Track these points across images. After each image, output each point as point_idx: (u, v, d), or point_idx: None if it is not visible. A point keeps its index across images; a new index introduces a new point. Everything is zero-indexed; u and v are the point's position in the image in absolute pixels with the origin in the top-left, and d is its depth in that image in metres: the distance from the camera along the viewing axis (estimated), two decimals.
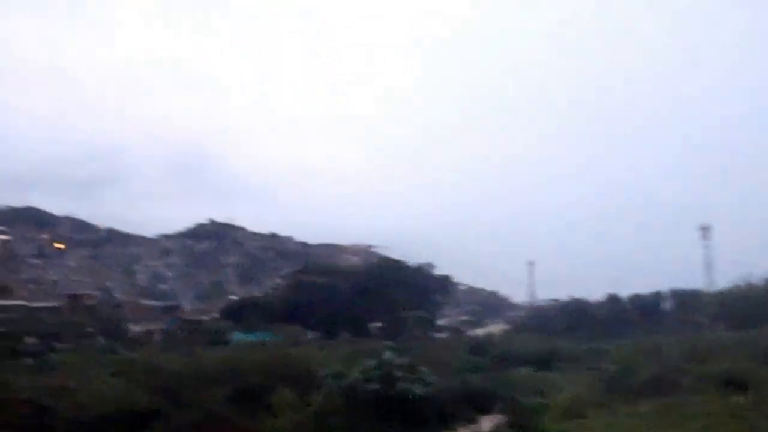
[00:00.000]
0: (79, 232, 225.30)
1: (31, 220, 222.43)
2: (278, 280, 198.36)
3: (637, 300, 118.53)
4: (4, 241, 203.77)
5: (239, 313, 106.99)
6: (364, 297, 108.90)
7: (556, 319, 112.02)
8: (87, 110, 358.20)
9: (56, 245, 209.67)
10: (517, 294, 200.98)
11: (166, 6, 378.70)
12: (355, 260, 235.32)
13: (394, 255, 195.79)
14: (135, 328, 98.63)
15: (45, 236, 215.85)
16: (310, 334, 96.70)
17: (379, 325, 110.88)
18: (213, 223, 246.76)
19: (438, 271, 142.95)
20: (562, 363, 59.42)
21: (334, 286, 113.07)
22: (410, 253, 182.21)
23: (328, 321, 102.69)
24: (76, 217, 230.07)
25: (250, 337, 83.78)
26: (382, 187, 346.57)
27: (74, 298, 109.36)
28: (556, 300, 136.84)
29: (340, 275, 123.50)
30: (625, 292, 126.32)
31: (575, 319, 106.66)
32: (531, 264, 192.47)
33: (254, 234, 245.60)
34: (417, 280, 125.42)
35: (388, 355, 39.80)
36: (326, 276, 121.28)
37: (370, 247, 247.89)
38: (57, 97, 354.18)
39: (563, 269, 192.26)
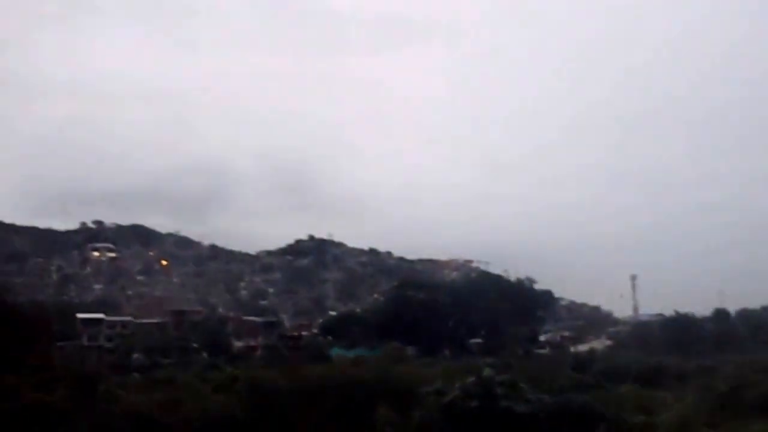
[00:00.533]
0: (183, 249, 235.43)
1: (138, 237, 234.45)
2: (377, 296, 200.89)
3: (746, 315, 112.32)
4: (113, 259, 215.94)
5: (339, 329, 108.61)
6: (464, 312, 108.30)
7: (661, 335, 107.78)
8: (193, 131, 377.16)
9: (162, 262, 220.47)
10: (620, 309, 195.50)
11: (269, 28, 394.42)
12: (454, 275, 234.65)
13: (494, 270, 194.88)
14: (237, 344, 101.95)
15: (151, 253, 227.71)
16: (410, 350, 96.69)
17: (478, 340, 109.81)
18: (313, 239, 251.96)
19: (539, 286, 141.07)
20: (669, 380, 57.31)
21: (434, 302, 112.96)
22: (510, 268, 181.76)
23: (428, 336, 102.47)
24: (181, 234, 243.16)
25: (350, 353, 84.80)
26: (481, 203, 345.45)
27: (179, 314, 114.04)
28: (660, 315, 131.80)
29: (439, 290, 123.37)
30: (732, 306, 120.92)
31: (681, 334, 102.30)
32: (634, 278, 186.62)
33: (353, 250, 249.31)
34: (517, 295, 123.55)
35: (488, 371, 39.35)
36: (425, 291, 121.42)
37: (469, 261, 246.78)
38: (163, 119, 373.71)
39: (667, 283, 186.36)
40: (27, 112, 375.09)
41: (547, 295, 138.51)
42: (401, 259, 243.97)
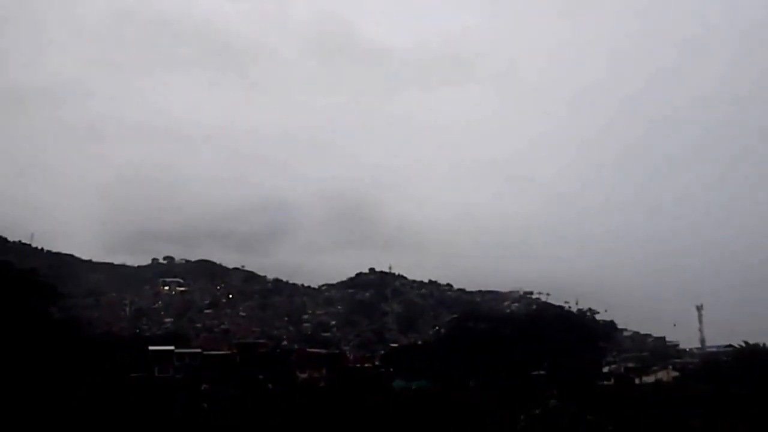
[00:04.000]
0: (248, 283, 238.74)
1: (205, 272, 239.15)
2: (438, 328, 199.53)
3: None
4: (182, 293, 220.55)
5: (400, 360, 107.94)
6: (526, 344, 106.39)
7: (732, 366, 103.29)
8: (257, 169, 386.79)
9: (228, 296, 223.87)
10: (686, 340, 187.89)
11: (328, 68, 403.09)
12: (514, 307, 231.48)
13: (555, 301, 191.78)
14: (302, 375, 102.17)
15: (218, 287, 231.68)
16: (472, 382, 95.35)
17: (541, 372, 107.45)
18: (374, 272, 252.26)
19: (601, 317, 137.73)
20: (742, 411, 54.61)
21: (495, 333, 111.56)
22: (572, 300, 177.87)
23: (490, 368, 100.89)
24: (246, 269, 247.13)
25: (412, 385, 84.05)
26: (540, 234, 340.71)
27: (245, 346, 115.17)
28: (729, 346, 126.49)
29: (500, 322, 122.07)
30: None
31: (753, 366, 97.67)
32: (700, 308, 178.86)
33: (414, 282, 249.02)
34: (579, 326, 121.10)
35: (552, 402, 38.31)
36: (486, 323, 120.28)
37: (529, 293, 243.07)
38: (229, 158, 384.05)
39: (733, 313, 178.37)
40: (103, 155, 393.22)
41: (610, 325, 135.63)
42: (461, 290, 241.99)
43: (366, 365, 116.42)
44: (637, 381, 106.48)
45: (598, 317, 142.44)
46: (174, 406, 52.47)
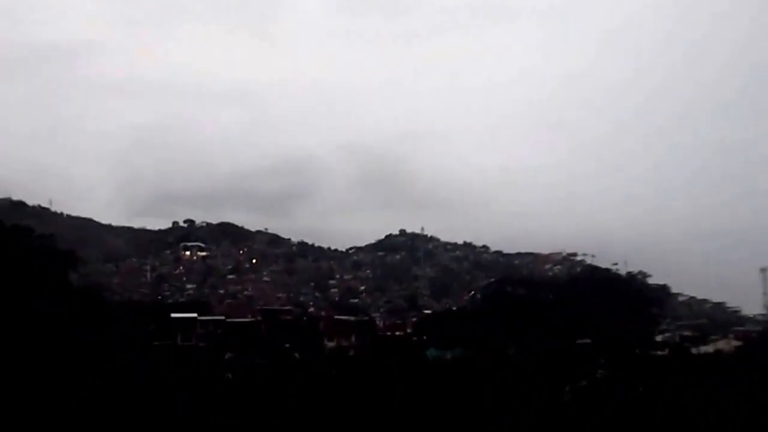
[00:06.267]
0: (272, 246, 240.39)
1: (227, 235, 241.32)
2: (474, 293, 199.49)
3: None
4: (204, 257, 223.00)
5: (434, 328, 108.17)
6: (569, 310, 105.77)
7: None
8: (278, 128, 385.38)
9: (252, 260, 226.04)
10: (749, 305, 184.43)
11: (350, 18, 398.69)
12: (557, 270, 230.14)
13: (602, 263, 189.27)
14: (330, 344, 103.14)
15: (241, 252, 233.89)
16: (510, 351, 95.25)
17: (587, 341, 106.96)
18: (404, 234, 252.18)
19: (653, 281, 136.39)
20: None
21: (535, 299, 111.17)
22: (620, 261, 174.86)
23: (530, 336, 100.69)
24: (270, 231, 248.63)
25: (446, 354, 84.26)
26: (584, 189, 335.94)
27: (270, 313, 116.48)
28: None
29: (540, 286, 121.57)
30: None
31: None
32: (765, 270, 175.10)
33: (447, 244, 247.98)
34: (629, 291, 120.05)
35: (600, 374, 38.17)
36: (526, 287, 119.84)
37: (573, 255, 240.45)
38: (250, 116, 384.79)
39: None
40: (121, 114, 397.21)
41: (663, 290, 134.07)
42: (498, 253, 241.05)
43: (397, 333, 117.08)
44: (694, 351, 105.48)
45: (649, 281, 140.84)
46: (198, 375, 53.18)
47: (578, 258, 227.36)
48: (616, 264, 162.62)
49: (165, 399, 38.11)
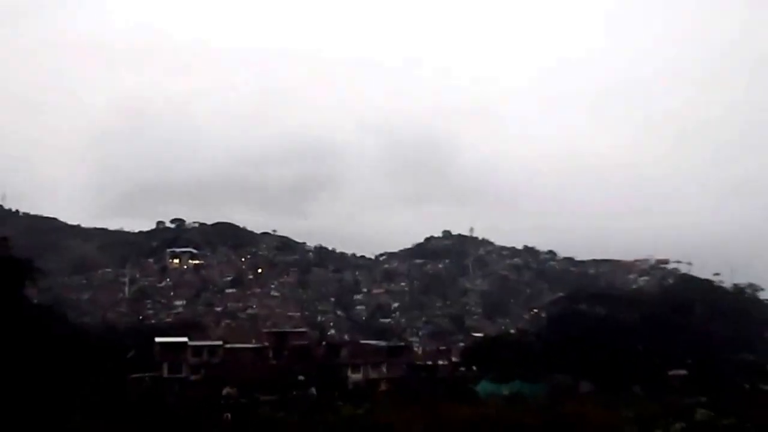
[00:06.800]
0: (282, 253, 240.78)
1: (225, 239, 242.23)
2: (537, 311, 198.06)
3: None
4: (197, 266, 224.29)
5: (487, 356, 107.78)
6: (660, 333, 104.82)
7: None
8: (290, 102, 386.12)
9: (257, 270, 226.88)
10: None
11: None
12: (642, 281, 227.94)
13: (700, 273, 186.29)
14: (354, 376, 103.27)
15: (243, 259, 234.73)
16: (585, 385, 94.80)
17: (682, 372, 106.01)
18: (450, 236, 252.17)
19: (767, 295, 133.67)
20: None
21: (615, 318, 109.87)
22: (724, 271, 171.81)
23: (609, 367, 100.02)
24: (279, 234, 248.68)
25: (502, 389, 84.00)
26: (679, 182, 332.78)
27: (280, 337, 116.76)
28: None
29: (622, 302, 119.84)
30: None
31: None
32: None
33: (504, 249, 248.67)
34: (736, 308, 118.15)
35: (703, 414, 37.92)
36: (603, 304, 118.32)
37: (663, 262, 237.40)
38: (253, 85, 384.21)
39: None
40: (92, 86, 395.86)
41: None
42: (569, 260, 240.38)
43: (440, 362, 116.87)
44: None
45: (761, 295, 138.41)
46: (189, 415, 53.59)
47: (670, 266, 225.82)
48: (718, 274, 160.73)
49: None
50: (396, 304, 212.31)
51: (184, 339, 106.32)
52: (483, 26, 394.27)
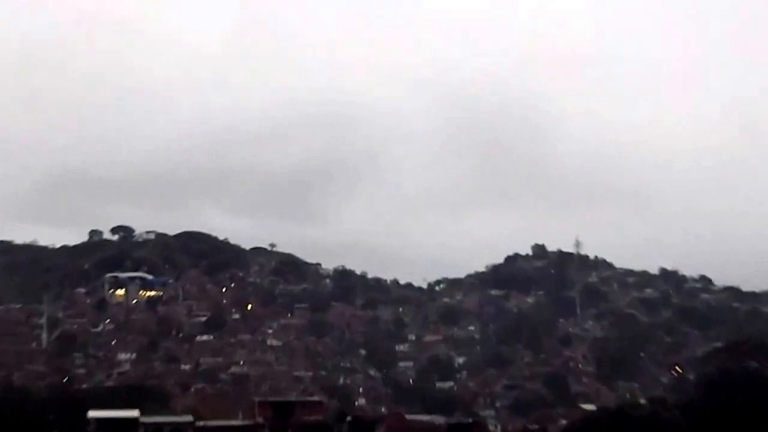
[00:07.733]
0: (285, 278, 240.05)
1: (198, 256, 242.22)
2: (681, 369, 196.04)
3: None
4: (152, 299, 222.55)
5: None
6: None
7: None
8: (289, 50, 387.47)
9: (246, 306, 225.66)
10: None
11: None
12: None
13: None
14: None
15: (223, 289, 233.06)
16: None
17: None
18: (543, 252, 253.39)
19: None
20: None
21: None
22: None
23: None
24: (278, 249, 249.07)
25: None
26: None
27: (281, 409, 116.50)
28: None
29: None
30: None
31: None
32: None
33: (628, 273, 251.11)
34: None
35: None
36: None
37: None
38: (239, 27, 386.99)
39: None
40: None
41: None
42: (731, 290, 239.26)
43: None
44: None
45: None
46: None
47: None
48: None
49: None
50: (461, 359, 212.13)
51: (134, 413, 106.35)
52: None
